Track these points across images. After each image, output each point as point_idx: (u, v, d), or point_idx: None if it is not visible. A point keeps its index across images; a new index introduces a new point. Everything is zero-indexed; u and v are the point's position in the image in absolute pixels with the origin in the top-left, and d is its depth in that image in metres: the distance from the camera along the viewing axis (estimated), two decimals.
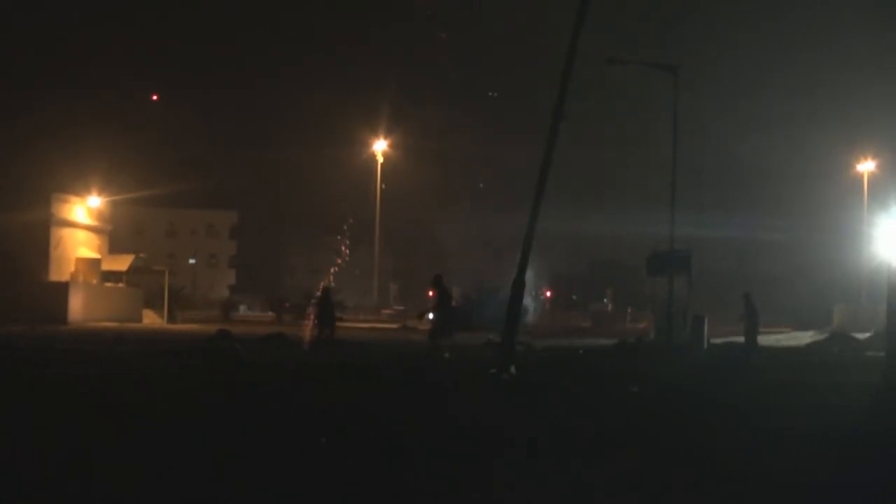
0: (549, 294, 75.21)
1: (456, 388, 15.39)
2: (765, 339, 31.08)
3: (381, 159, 59.75)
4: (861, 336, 35.87)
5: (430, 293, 23.70)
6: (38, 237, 47.17)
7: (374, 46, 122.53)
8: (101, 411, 11.13)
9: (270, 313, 61.64)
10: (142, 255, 56.45)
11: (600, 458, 8.86)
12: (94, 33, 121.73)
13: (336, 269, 33.32)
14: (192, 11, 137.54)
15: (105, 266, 51.65)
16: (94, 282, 49.54)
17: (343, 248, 35.68)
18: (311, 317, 26.96)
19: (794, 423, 11.87)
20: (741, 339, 31.13)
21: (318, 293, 27.13)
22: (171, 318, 49.40)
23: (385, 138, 60.17)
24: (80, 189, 51.84)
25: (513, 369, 17.34)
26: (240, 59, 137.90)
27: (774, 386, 17.55)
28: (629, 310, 70.54)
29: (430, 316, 24.80)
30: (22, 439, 9.06)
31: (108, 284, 50.45)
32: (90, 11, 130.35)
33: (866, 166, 61.70)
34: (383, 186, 58.85)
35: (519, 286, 18.55)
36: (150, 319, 48.10)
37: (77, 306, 44.00)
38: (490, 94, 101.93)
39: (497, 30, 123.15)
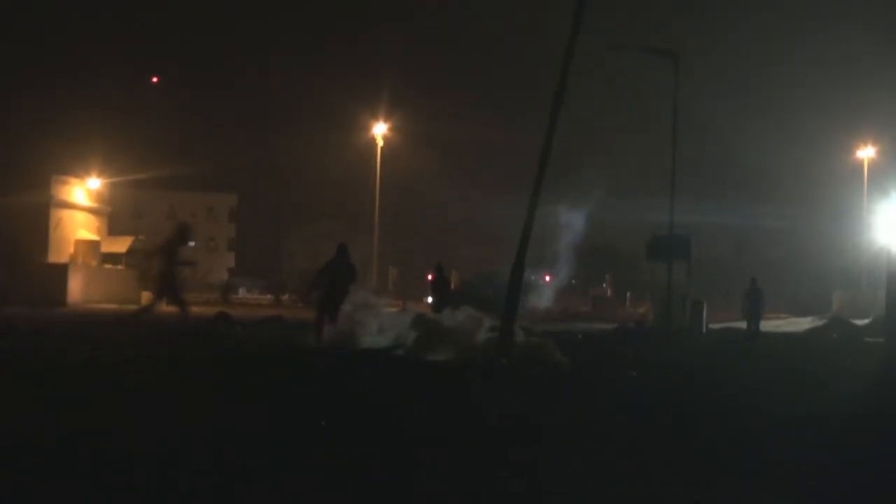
0: (548, 279, 75.24)
1: (454, 371, 15.39)
2: (764, 325, 31.11)
3: (380, 143, 59.45)
4: (860, 322, 35.89)
5: (430, 277, 23.62)
6: (38, 219, 47.18)
7: (376, 29, 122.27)
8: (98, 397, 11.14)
9: (269, 296, 61.73)
10: (141, 237, 56.52)
11: (597, 443, 8.87)
12: (94, 16, 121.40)
13: None
14: None
15: (104, 248, 51.69)
16: (94, 264, 49.55)
17: None
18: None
19: (793, 408, 11.88)
20: (739, 324, 31.17)
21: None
22: None
23: (385, 122, 59.88)
24: (80, 171, 51.84)
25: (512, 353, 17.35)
26: (239, 42, 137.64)
27: (773, 371, 17.58)
28: (628, 295, 70.70)
29: (430, 299, 24.84)
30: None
31: (108, 266, 50.47)
32: None
33: (866, 152, 61.56)
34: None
35: (519, 270, 18.53)
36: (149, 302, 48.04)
37: (76, 288, 43.97)
38: None
39: (497, 21, 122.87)
